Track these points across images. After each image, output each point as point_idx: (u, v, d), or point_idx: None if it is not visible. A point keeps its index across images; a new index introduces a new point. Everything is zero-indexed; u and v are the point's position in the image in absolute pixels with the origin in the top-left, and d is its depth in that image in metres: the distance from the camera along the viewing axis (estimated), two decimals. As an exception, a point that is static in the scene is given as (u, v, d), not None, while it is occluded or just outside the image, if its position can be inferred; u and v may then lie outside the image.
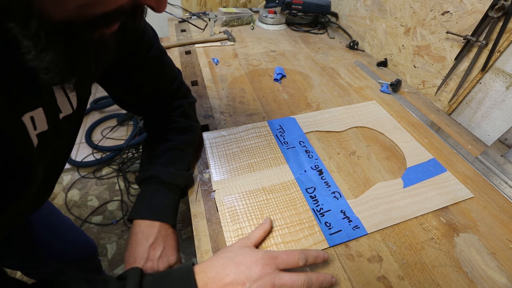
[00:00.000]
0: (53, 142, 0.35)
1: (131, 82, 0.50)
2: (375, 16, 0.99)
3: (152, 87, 0.53)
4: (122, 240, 1.22)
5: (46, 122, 0.32)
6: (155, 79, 0.52)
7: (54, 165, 0.40)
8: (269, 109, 0.75)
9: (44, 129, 0.32)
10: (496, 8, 0.61)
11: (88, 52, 0.27)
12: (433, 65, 0.81)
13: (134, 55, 0.46)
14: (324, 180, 0.56)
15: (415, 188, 0.56)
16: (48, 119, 0.32)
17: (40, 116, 0.31)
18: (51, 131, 0.33)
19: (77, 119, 0.41)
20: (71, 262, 0.74)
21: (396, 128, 0.70)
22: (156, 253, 0.45)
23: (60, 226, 0.71)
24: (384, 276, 0.43)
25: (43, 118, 0.31)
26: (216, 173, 0.56)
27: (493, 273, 0.44)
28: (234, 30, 1.16)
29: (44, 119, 0.32)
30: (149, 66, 0.49)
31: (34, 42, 0.22)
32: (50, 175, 0.40)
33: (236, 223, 0.48)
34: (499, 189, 0.57)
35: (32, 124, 0.30)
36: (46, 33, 0.22)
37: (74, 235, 0.75)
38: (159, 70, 0.52)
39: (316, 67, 0.95)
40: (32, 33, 0.22)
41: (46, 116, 0.32)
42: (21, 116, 0.28)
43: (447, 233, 0.49)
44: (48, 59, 0.23)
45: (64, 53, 0.25)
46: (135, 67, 0.48)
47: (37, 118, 0.30)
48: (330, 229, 0.48)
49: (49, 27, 0.22)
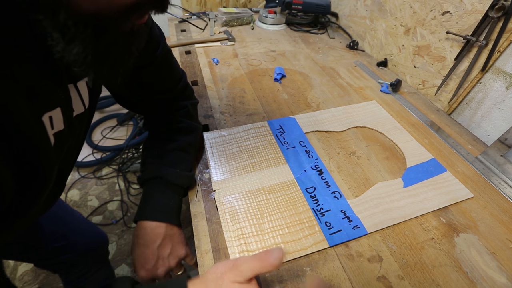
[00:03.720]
0: (67, 141, 0.35)
1: (136, 81, 0.49)
2: (375, 16, 0.99)
3: (158, 86, 0.52)
4: (122, 240, 1.22)
5: (62, 122, 0.32)
6: (160, 79, 0.52)
7: (66, 164, 0.40)
8: (269, 109, 0.75)
9: (60, 129, 0.32)
10: (496, 8, 0.61)
11: (119, 43, 0.27)
12: (433, 65, 0.81)
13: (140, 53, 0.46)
14: (324, 180, 0.56)
15: (415, 188, 0.56)
16: (65, 119, 0.32)
17: (58, 115, 0.31)
18: (67, 130, 0.33)
19: (88, 117, 0.41)
20: (84, 252, 0.75)
21: (396, 128, 0.70)
22: (166, 251, 0.45)
23: (72, 220, 0.72)
24: (384, 276, 0.43)
25: (60, 118, 0.31)
26: (216, 173, 0.56)
27: (493, 273, 0.44)
28: (234, 30, 1.16)
29: (61, 119, 0.32)
30: (155, 65, 0.49)
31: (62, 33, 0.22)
32: (62, 174, 0.40)
33: (236, 223, 0.48)
34: (499, 189, 0.57)
35: (50, 123, 0.30)
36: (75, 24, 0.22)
37: (86, 228, 0.77)
38: (165, 70, 0.52)
39: (316, 67, 0.95)
40: (61, 25, 0.21)
41: (63, 116, 0.32)
42: (41, 116, 0.28)
43: (447, 233, 0.49)
44: (75, 51, 0.23)
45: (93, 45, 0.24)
46: (141, 66, 0.47)
47: (55, 118, 0.30)
48: (330, 228, 0.48)
49: (77, 18, 0.22)
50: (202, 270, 0.43)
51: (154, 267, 0.44)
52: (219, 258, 0.44)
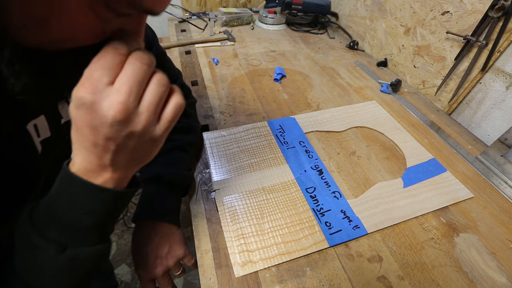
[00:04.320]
0: (55, 148, 0.36)
1: None
2: (375, 16, 0.99)
3: None
4: (122, 240, 1.22)
5: (48, 129, 0.32)
6: None
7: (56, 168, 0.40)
8: (269, 109, 0.75)
9: (47, 136, 0.32)
10: (496, 8, 0.61)
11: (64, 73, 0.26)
12: (433, 65, 0.81)
13: None
14: (324, 180, 0.56)
15: (415, 188, 0.56)
16: (51, 126, 0.33)
17: (43, 123, 0.31)
18: (54, 137, 0.34)
19: None
20: None
21: (396, 128, 0.70)
22: (164, 251, 0.45)
23: None
24: (384, 276, 0.43)
25: (45, 125, 0.32)
26: (216, 173, 0.56)
27: (493, 273, 0.44)
28: (234, 30, 1.16)
29: (46, 126, 0.32)
30: None
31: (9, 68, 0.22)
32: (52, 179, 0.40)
33: (236, 223, 0.48)
34: (499, 189, 0.57)
35: (35, 131, 0.30)
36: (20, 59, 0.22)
37: None
38: None
39: (316, 67, 0.95)
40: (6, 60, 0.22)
41: (49, 123, 0.32)
42: (26, 125, 0.29)
43: (447, 233, 0.49)
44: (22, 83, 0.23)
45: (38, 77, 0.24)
46: None
47: (40, 126, 0.31)
48: (330, 228, 0.48)
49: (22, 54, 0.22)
50: (202, 270, 0.43)
51: (152, 266, 0.44)
52: (219, 258, 0.44)
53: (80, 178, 0.26)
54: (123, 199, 0.29)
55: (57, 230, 0.27)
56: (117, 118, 0.23)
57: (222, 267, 0.43)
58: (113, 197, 0.28)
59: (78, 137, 0.25)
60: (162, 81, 0.25)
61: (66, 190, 0.27)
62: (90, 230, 0.28)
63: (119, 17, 0.24)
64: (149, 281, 0.45)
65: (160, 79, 0.25)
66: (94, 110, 0.23)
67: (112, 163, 0.26)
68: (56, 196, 0.27)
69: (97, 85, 0.22)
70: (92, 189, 0.26)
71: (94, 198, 0.27)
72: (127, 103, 0.23)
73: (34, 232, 0.26)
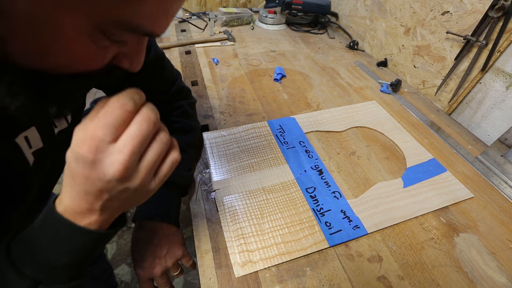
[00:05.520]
0: (49, 157, 0.35)
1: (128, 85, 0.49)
2: (375, 16, 0.99)
3: (150, 90, 0.52)
4: (122, 240, 1.22)
5: (40, 140, 0.32)
6: (153, 83, 0.52)
7: (51, 177, 0.40)
8: (269, 109, 0.75)
9: (39, 147, 0.32)
10: (496, 8, 0.61)
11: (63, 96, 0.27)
12: (433, 65, 0.81)
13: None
14: (324, 180, 0.56)
15: (415, 188, 0.56)
16: (43, 136, 0.32)
17: (34, 134, 0.31)
18: (47, 147, 0.34)
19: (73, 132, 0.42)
20: None
21: (396, 128, 0.70)
22: (163, 251, 0.45)
23: None
24: (384, 276, 0.43)
25: (37, 136, 0.32)
26: (216, 173, 0.56)
27: (493, 273, 0.44)
28: (234, 30, 1.16)
29: (38, 137, 0.32)
30: (147, 70, 0.49)
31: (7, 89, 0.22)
32: (46, 187, 0.40)
33: (236, 223, 0.48)
34: (499, 189, 0.57)
35: (27, 143, 0.30)
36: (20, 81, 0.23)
37: None
38: (158, 74, 0.52)
39: (316, 67, 0.95)
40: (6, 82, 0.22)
41: (40, 134, 0.32)
42: (15, 138, 0.29)
43: (447, 233, 0.49)
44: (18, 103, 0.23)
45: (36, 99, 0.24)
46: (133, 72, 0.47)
47: (31, 137, 0.31)
48: (330, 228, 0.48)
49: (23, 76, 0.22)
50: (202, 270, 0.43)
51: (150, 266, 0.44)
52: (219, 258, 0.44)
53: (65, 219, 0.26)
54: (105, 239, 0.29)
55: (33, 267, 0.27)
56: (116, 177, 0.23)
57: (222, 267, 0.43)
58: (96, 238, 0.28)
59: (71, 182, 0.25)
60: (164, 139, 0.26)
61: (49, 228, 0.27)
62: (65, 268, 0.28)
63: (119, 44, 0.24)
64: (147, 281, 0.45)
65: (163, 138, 0.25)
66: (94, 167, 0.23)
67: (102, 208, 0.26)
68: (38, 231, 0.27)
69: (99, 145, 0.23)
70: (76, 230, 0.26)
71: (77, 239, 0.27)
72: (128, 164, 0.23)
73: (9, 267, 0.26)
